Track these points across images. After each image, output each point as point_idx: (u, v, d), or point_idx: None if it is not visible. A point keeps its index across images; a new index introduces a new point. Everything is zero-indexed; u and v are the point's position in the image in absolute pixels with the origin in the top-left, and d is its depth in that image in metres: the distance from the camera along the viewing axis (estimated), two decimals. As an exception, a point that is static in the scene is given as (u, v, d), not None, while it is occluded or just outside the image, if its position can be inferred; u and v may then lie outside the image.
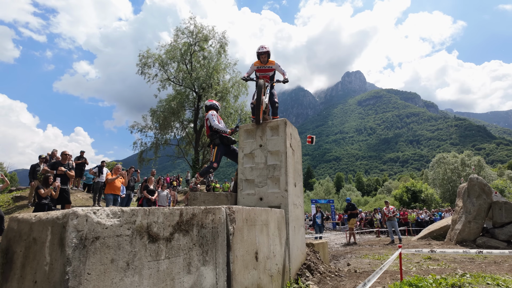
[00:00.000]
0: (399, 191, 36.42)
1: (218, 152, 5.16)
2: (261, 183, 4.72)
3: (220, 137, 5.22)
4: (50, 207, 6.92)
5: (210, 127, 5.27)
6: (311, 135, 5.76)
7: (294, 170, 4.96)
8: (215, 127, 5.19)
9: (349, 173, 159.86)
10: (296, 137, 5.26)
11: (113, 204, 8.64)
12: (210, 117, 5.23)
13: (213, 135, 5.21)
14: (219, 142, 5.17)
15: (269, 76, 5.99)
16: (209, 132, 5.29)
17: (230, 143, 5.31)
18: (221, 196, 4.84)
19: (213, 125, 5.19)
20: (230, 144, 5.33)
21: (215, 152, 5.15)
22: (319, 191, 69.91)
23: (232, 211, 3.09)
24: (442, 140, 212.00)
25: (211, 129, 5.25)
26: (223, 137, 5.24)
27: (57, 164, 7.94)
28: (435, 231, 13.34)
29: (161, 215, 2.25)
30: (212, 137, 5.22)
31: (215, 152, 5.15)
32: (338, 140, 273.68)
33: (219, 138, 5.20)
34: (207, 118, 5.26)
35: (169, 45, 22.62)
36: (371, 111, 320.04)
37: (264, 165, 4.76)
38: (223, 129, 5.23)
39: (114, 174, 8.82)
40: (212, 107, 5.48)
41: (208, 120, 5.25)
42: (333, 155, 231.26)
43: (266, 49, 5.85)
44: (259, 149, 4.88)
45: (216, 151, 5.15)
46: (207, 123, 5.31)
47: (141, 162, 22.55)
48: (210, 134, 5.25)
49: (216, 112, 5.48)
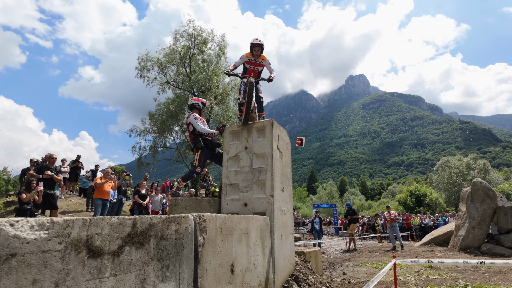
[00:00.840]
0: (403, 195, 35.82)
1: (201, 156, 4.88)
2: (246, 188, 4.41)
3: (204, 140, 4.93)
4: (33, 212, 6.66)
5: (192, 131, 4.98)
6: (301, 137, 5.45)
7: (282, 173, 4.65)
8: (201, 131, 4.90)
9: (353, 177, 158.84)
10: (284, 139, 4.96)
11: (102, 209, 8.37)
12: (193, 121, 4.93)
13: (196, 138, 4.93)
14: (203, 145, 4.89)
15: (258, 72, 5.71)
16: (191, 136, 5.01)
17: (214, 146, 5.02)
18: (204, 202, 4.54)
19: (198, 129, 4.89)
20: (214, 147, 5.04)
21: (198, 156, 4.86)
22: (322, 195, 69.24)
23: (202, 220, 2.79)
24: (447, 144, 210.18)
25: (194, 133, 4.97)
26: (207, 140, 4.95)
27: (44, 168, 7.70)
28: (438, 237, 12.91)
29: (106, 226, 1.96)
30: (195, 140, 4.93)
31: (199, 156, 4.86)
32: (342, 143, 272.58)
33: (203, 141, 4.92)
34: (189, 122, 4.98)
35: (168, 48, 22.48)
36: (375, 114, 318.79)
37: (250, 168, 4.46)
38: (210, 132, 4.94)
39: (103, 178, 8.56)
40: (194, 106, 5.19)
41: (191, 124, 4.96)
42: (337, 158, 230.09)
43: (261, 41, 5.57)
44: (245, 151, 4.58)
45: (199, 155, 4.86)
46: (189, 128, 5.02)
47: (140, 166, 22.31)
48: (193, 137, 4.96)
49: (200, 112, 5.21)
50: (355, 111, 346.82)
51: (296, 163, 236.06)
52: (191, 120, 4.94)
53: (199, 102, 5.29)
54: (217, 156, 5.03)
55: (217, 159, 5.05)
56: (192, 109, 5.18)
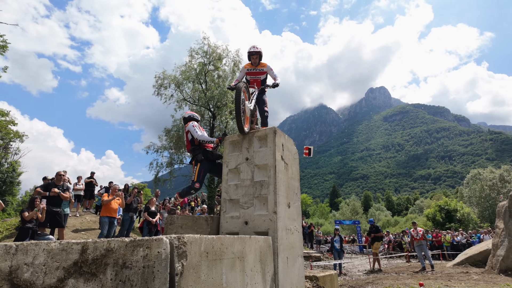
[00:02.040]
0: (431, 210, 33.76)
1: (201, 169, 4.47)
2: (246, 204, 3.94)
3: (204, 152, 4.55)
4: (35, 231, 6.45)
5: (191, 141, 4.62)
6: (308, 146, 4.96)
7: (287, 187, 4.15)
8: (199, 139, 4.54)
9: (378, 191, 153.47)
10: (290, 149, 4.48)
11: (109, 227, 8.10)
12: (191, 129, 4.58)
13: (195, 150, 4.55)
14: (203, 158, 4.50)
15: (260, 80, 5.33)
16: (190, 146, 4.64)
17: (215, 158, 4.61)
18: (201, 220, 4.09)
19: (196, 137, 4.53)
20: (215, 159, 4.64)
21: (197, 170, 4.46)
22: (345, 211, 66.92)
23: (182, 243, 2.34)
24: (477, 155, 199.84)
25: (193, 143, 4.60)
26: (207, 152, 4.56)
27: (51, 186, 7.57)
28: (473, 256, 11.72)
29: (42, 254, 1.57)
30: (194, 152, 4.55)
31: (198, 170, 4.46)
32: (365, 157, 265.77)
33: (203, 153, 4.53)
34: (188, 130, 4.63)
35: (184, 65, 22.77)
36: (398, 126, 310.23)
37: (251, 181, 4.00)
38: (209, 139, 4.56)
39: (111, 195, 8.33)
40: (192, 118, 4.85)
41: (190, 132, 4.61)
42: (360, 173, 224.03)
43: (258, 49, 5.23)
44: (245, 163, 4.14)
45: (198, 169, 4.46)
46: (187, 137, 4.67)
47: (157, 182, 22.29)
48: (192, 149, 4.59)
49: (197, 120, 4.86)
50: (377, 124, 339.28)
51: (317, 177, 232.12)
52: (190, 128, 4.59)
53: (196, 114, 4.98)
54: (218, 168, 4.62)
55: (217, 172, 4.63)
56: (190, 121, 4.84)
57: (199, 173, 4.43)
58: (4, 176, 28.86)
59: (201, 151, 4.49)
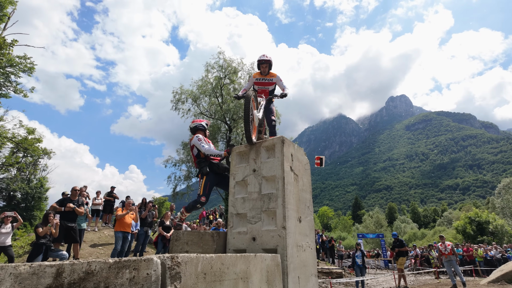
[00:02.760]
0: (461, 223, 31.91)
1: (207, 182, 4.30)
2: (254, 219, 3.71)
3: (210, 164, 4.38)
4: (49, 247, 6.46)
5: (197, 155, 4.48)
6: (320, 156, 4.69)
7: (298, 200, 3.89)
8: (206, 153, 4.38)
9: (403, 203, 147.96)
10: (300, 159, 4.24)
11: (123, 242, 8.03)
12: (196, 143, 4.43)
13: (201, 163, 4.40)
14: (208, 170, 4.33)
15: (268, 91, 5.17)
16: (196, 160, 4.49)
17: (222, 171, 4.43)
18: (207, 236, 3.89)
19: (203, 151, 4.38)
20: (222, 172, 4.46)
21: (203, 184, 4.29)
22: (369, 224, 64.56)
23: (175, 263, 2.14)
24: (508, 164, 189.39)
25: (199, 157, 4.45)
26: (213, 164, 4.40)
27: (66, 201, 7.64)
28: (510, 273, 10.79)
29: (8, 279, 1.41)
30: (200, 165, 4.40)
31: (203, 183, 4.29)
32: (388, 167, 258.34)
33: (209, 166, 4.37)
34: (193, 145, 4.48)
35: (201, 80, 23.13)
36: (421, 135, 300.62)
37: (258, 194, 3.78)
38: (216, 153, 4.40)
39: (125, 209, 8.31)
40: (198, 128, 4.71)
41: (195, 147, 4.46)
42: (383, 184, 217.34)
43: (268, 57, 5.08)
44: (253, 174, 3.93)
45: (204, 182, 4.29)
46: (192, 152, 4.52)
47: (175, 196, 22.42)
48: (198, 161, 4.44)
49: (205, 134, 4.71)
50: (399, 133, 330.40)
51: (338, 189, 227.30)
52: (195, 142, 4.45)
53: (202, 122, 4.81)
54: (225, 181, 4.44)
55: (225, 185, 4.45)
56: (196, 131, 4.70)
57: (205, 187, 4.26)
58: (32, 191, 29.92)
59: (206, 164, 4.33)
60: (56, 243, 7.30)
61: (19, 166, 25.55)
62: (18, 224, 7.69)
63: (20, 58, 19.14)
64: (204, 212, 21.16)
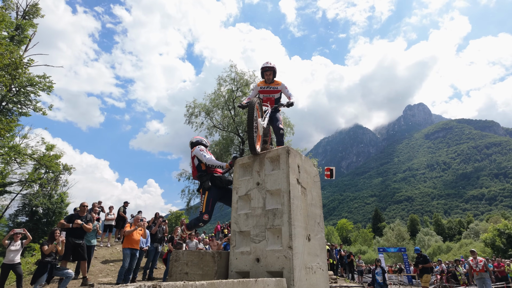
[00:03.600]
0: (489, 235, 30.16)
1: (209, 198, 4.02)
2: (257, 237, 3.38)
3: (212, 178, 4.11)
4: (54, 265, 6.30)
5: (198, 166, 4.22)
6: (330, 167, 4.34)
7: (306, 216, 3.54)
8: (208, 163, 4.12)
9: (425, 214, 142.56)
10: (309, 170, 3.90)
11: (131, 259, 7.80)
12: (198, 153, 4.19)
13: (202, 176, 4.13)
14: (210, 185, 4.06)
15: (274, 99, 4.91)
16: (196, 173, 4.23)
17: (224, 184, 4.15)
18: (207, 256, 3.58)
19: (205, 161, 4.12)
20: (225, 185, 4.17)
21: (205, 200, 4.01)
22: (390, 237, 62.11)
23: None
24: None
25: (200, 169, 4.19)
26: (215, 178, 4.12)
27: (74, 217, 7.52)
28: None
29: None
30: (202, 179, 4.13)
31: (206, 199, 4.01)
32: (408, 178, 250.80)
33: (211, 180, 4.09)
34: (194, 155, 4.24)
35: (213, 93, 23.23)
36: (441, 144, 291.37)
37: (262, 210, 3.46)
38: (218, 164, 4.14)
39: (133, 225, 8.11)
40: (199, 143, 4.47)
41: (196, 157, 4.21)
42: (403, 194, 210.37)
43: (272, 65, 4.85)
44: (256, 188, 3.62)
45: (207, 198, 4.01)
46: (193, 163, 4.26)
47: (189, 210, 22.24)
48: (199, 175, 4.18)
49: (205, 146, 4.47)
50: (418, 142, 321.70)
51: (357, 201, 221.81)
52: (196, 153, 4.20)
53: (204, 139, 4.60)
54: (229, 194, 4.15)
55: (228, 199, 4.15)
56: (197, 146, 4.47)
57: (208, 203, 3.97)
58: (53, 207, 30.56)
59: (208, 178, 4.06)
60: (64, 261, 7.15)
61: (41, 182, 26.15)
62: (27, 241, 7.61)
63: (40, 77, 19.79)
64: (219, 226, 20.81)
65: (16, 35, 19.85)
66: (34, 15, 21.40)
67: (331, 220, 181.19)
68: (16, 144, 19.52)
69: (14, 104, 18.90)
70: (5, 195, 26.53)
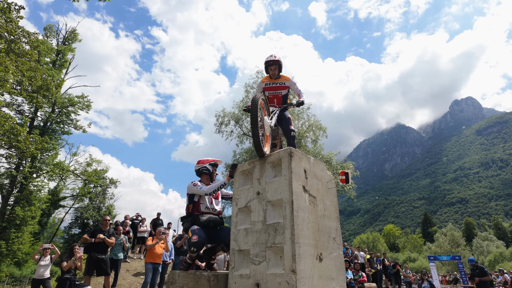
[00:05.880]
0: None
1: (194, 229, 3.50)
2: (257, 257, 2.84)
3: (194, 219, 3.63)
4: (73, 281, 6.21)
5: (187, 207, 3.78)
6: (345, 170, 3.68)
7: (316, 230, 2.93)
8: (208, 192, 3.65)
9: (482, 217, 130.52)
10: (320, 176, 3.28)
11: (153, 274, 7.57)
12: (193, 190, 3.70)
13: (184, 218, 3.79)
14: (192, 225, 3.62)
15: (281, 96, 4.36)
16: (186, 214, 3.81)
17: (214, 225, 3.71)
18: (202, 279, 3.10)
19: (204, 192, 3.65)
20: (215, 227, 3.73)
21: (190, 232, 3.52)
22: (442, 243, 57.21)
23: None
24: None
25: (188, 210, 3.75)
26: (197, 218, 3.62)
27: (97, 232, 7.48)
28: None
29: None
30: (183, 220, 3.82)
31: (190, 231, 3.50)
32: (459, 178, 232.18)
33: (193, 221, 3.63)
34: (187, 193, 3.80)
35: (241, 101, 23.09)
36: (496, 140, 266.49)
37: (263, 225, 2.93)
38: (219, 184, 3.69)
39: (155, 238, 7.91)
40: (202, 172, 4.02)
41: (189, 195, 3.78)
42: (455, 196, 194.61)
43: (277, 58, 4.31)
44: (256, 199, 3.10)
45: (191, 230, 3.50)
46: (188, 198, 3.82)
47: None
48: (182, 217, 3.84)
49: (211, 177, 4.04)
50: (469, 139, 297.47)
51: (404, 205, 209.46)
52: (189, 190, 3.74)
53: (206, 164, 4.06)
54: (223, 232, 3.70)
55: (224, 237, 3.68)
56: (201, 175, 4.04)
57: (193, 232, 3.46)
58: (102, 219, 32.37)
59: (189, 220, 3.64)
60: (88, 276, 7.10)
61: (90, 195, 27.70)
62: (56, 256, 7.71)
63: (79, 98, 21.00)
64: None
65: (57, 60, 21.33)
66: (73, 40, 22.88)
67: (377, 226, 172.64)
68: (60, 162, 20.76)
69: (57, 124, 20.17)
70: (60, 209, 28.44)
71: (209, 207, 3.78)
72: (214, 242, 3.75)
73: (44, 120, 19.63)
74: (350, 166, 19.79)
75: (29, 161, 17.86)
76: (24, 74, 10.07)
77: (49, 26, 22.04)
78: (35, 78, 10.60)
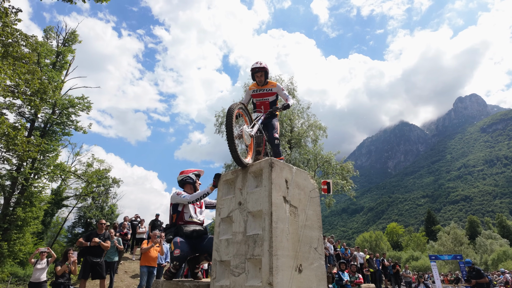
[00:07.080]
0: None
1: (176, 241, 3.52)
2: (237, 269, 2.84)
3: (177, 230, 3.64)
4: (67, 286, 6.25)
5: (170, 217, 3.82)
6: (327, 180, 3.69)
7: (297, 241, 2.92)
8: (191, 200, 3.70)
9: (486, 215, 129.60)
10: (302, 185, 3.27)
11: (148, 277, 7.61)
12: (177, 199, 3.76)
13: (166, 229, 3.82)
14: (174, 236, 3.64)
15: (269, 103, 4.36)
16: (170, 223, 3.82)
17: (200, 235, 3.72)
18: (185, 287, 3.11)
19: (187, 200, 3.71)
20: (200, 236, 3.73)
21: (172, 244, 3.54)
22: (445, 242, 56.94)
23: None
24: None
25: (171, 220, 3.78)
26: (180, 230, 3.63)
27: (92, 235, 7.51)
28: None
29: None
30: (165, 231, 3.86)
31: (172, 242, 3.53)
32: (463, 175, 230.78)
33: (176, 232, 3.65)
34: (171, 203, 3.83)
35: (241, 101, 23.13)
36: (501, 137, 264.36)
37: (243, 236, 2.92)
38: (203, 193, 3.71)
39: (150, 242, 7.94)
40: (186, 182, 4.04)
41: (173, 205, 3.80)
42: (459, 194, 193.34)
43: (262, 64, 4.31)
44: (238, 209, 3.10)
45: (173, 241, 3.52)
46: (170, 211, 3.83)
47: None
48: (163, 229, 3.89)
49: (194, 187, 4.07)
50: (473, 136, 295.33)
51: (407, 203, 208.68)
52: (173, 199, 3.78)
53: (189, 174, 4.11)
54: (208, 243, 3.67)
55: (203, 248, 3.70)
56: (184, 186, 4.07)
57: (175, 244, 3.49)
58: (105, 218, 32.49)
59: (172, 231, 3.66)
60: (83, 280, 7.14)
61: (93, 195, 27.89)
62: (52, 259, 7.75)
63: (79, 99, 21.08)
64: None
65: (57, 62, 21.41)
66: (73, 42, 22.94)
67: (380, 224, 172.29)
68: (61, 163, 20.87)
69: (57, 125, 20.26)
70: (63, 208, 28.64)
71: (193, 216, 3.79)
72: (198, 252, 3.75)
73: (45, 121, 19.74)
74: (350, 166, 19.71)
75: (29, 162, 17.98)
76: (21, 77, 10.11)
77: (49, 27, 22.12)
78: (32, 81, 10.63)
